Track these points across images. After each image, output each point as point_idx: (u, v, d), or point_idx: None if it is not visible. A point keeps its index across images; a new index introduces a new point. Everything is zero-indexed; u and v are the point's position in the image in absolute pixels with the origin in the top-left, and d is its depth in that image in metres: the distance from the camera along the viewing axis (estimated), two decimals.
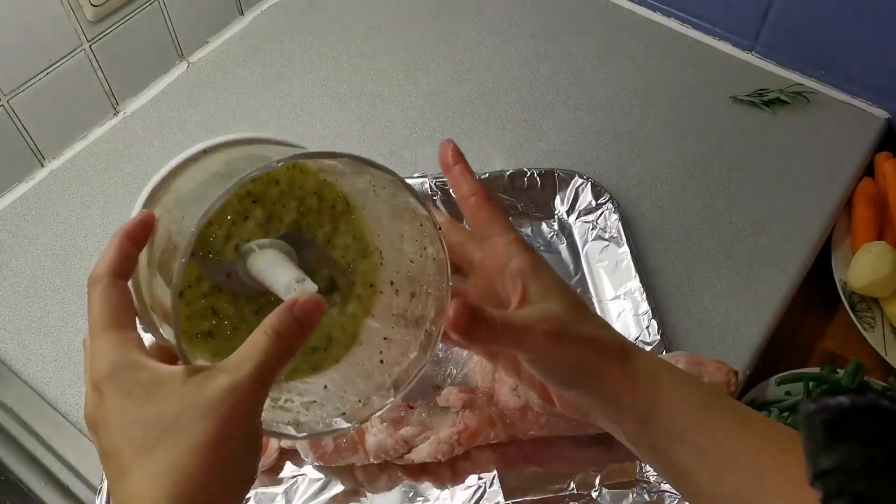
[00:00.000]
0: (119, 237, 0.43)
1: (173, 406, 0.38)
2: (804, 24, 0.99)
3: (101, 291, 0.41)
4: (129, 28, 0.97)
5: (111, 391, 0.39)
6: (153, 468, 0.37)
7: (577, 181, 0.89)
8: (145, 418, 0.38)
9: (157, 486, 0.36)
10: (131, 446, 0.38)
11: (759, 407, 0.84)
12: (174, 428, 0.37)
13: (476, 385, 0.70)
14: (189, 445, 0.37)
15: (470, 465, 0.72)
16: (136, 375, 0.39)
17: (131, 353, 0.40)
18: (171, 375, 0.39)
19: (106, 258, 0.42)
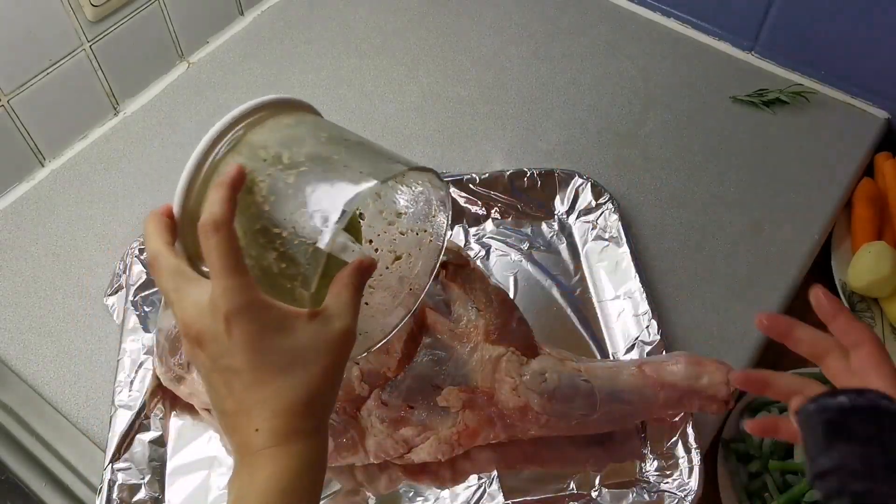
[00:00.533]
0: (226, 188, 0.49)
1: (302, 341, 0.48)
2: (804, 24, 0.99)
3: (225, 238, 0.48)
4: (129, 28, 0.97)
5: (244, 324, 0.47)
6: (288, 383, 0.48)
7: (577, 181, 0.89)
8: (279, 347, 0.48)
9: (294, 395, 0.48)
10: (265, 367, 0.47)
11: (759, 407, 0.84)
12: (304, 357, 0.48)
13: (476, 385, 0.70)
14: (316, 370, 0.48)
15: (470, 465, 0.72)
16: (267, 313, 0.48)
17: (258, 293, 0.48)
18: (297, 315, 0.49)
19: (219, 207, 0.48)
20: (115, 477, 0.70)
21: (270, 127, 0.54)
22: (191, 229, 0.52)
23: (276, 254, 0.50)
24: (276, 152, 0.52)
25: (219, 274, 0.47)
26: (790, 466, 0.79)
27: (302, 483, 0.48)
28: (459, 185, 0.89)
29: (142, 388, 0.75)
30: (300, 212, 0.50)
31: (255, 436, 0.48)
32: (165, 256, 0.51)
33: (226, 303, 0.47)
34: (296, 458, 0.48)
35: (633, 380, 0.70)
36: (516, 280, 0.84)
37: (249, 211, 0.51)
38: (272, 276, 0.51)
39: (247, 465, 0.48)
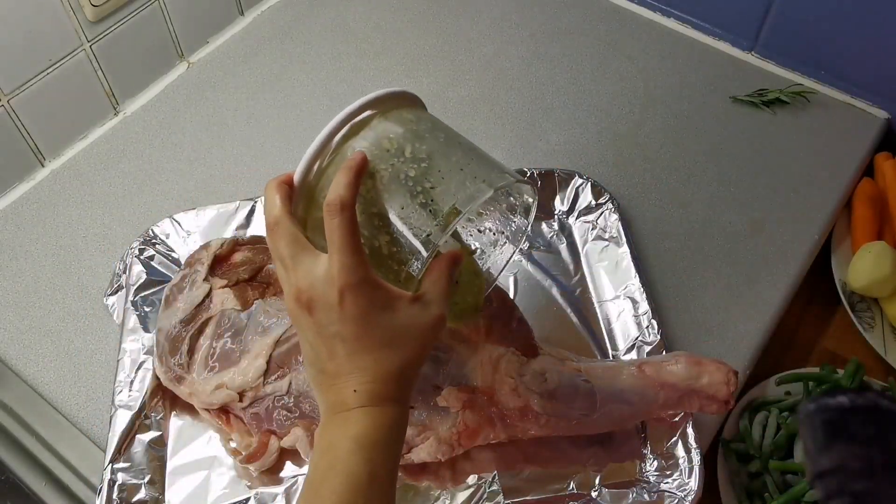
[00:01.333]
0: (353, 172, 0.53)
1: (404, 320, 0.54)
2: (804, 24, 0.99)
3: (348, 219, 0.52)
4: (129, 28, 0.97)
5: (356, 298, 0.52)
6: (387, 355, 0.53)
7: (577, 181, 0.89)
8: (384, 324, 0.53)
9: (390, 366, 0.53)
10: (369, 339, 0.53)
11: (759, 407, 0.84)
12: (405, 335, 0.54)
13: (476, 385, 0.70)
14: (412, 347, 0.54)
15: (470, 465, 0.72)
16: (376, 292, 0.53)
17: (370, 272, 0.53)
18: (400, 297, 0.54)
19: (345, 190, 0.52)
20: (115, 477, 0.70)
21: (394, 119, 0.58)
22: (305, 199, 0.57)
23: (389, 238, 0.55)
24: (400, 145, 0.56)
25: (339, 250, 0.52)
26: (790, 466, 0.79)
27: (391, 438, 0.53)
28: None
29: (142, 388, 0.75)
30: (417, 203, 0.54)
31: (352, 396, 0.53)
32: (286, 224, 0.55)
33: (342, 277, 0.52)
34: (387, 416, 0.53)
35: (633, 380, 0.70)
36: (516, 280, 0.84)
37: (369, 195, 0.55)
38: (381, 257, 0.55)
39: (341, 419, 0.53)
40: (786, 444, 0.81)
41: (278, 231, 0.55)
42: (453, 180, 0.55)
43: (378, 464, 0.52)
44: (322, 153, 0.56)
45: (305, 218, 0.57)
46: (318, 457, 0.53)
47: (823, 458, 0.42)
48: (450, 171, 0.56)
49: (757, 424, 0.82)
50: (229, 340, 0.73)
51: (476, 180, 0.56)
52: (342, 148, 0.57)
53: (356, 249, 0.52)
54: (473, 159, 0.58)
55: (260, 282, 0.77)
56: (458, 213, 0.54)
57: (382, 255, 0.55)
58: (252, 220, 0.87)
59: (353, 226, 0.52)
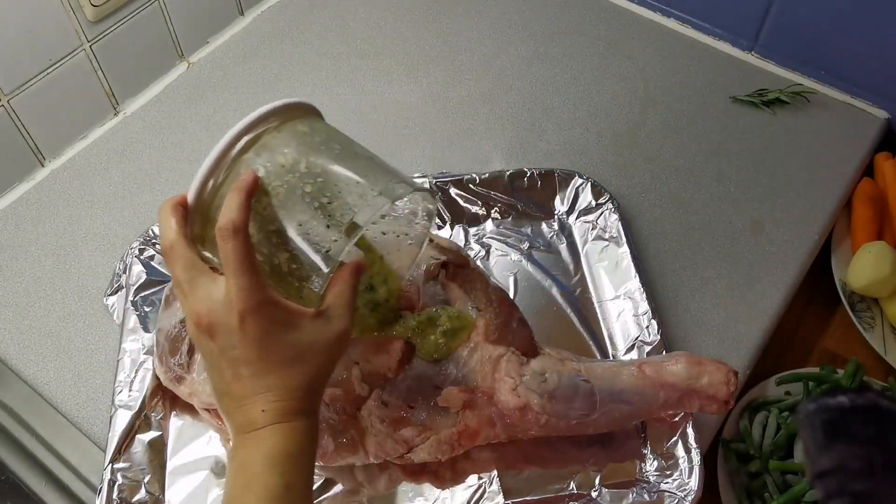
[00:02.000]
0: (244, 193, 0.53)
1: (307, 337, 0.54)
2: (804, 24, 0.99)
3: (242, 242, 0.52)
4: (129, 28, 0.97)
5: (257, 320, 0.52)
6: (293, 373, 0.54)
7: (577, 181, 0.89)
8: (287, 342, 0.53)
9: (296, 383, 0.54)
10: (274, 358, 0.53)
11: (759, 407, 0.84)
12: (309, 351, 0.54)
13: (476, 385, 0.70)
14: (317, 363, 0.55)
15: (470, 465, 0.72)
16: (277, 312, 0.53)
17: (269, 293, 0.53)
18: (303, 314, 0.54)
19: (237, 213, 0.52)
20: (115, 477, 0.70)
21: (288, 132, 0.57)
22: (201, 218, 0.56)
23: (288, 255, 0.54)
24: (295, 160, 0.56)
25: (235, 274, 0.52)
26: (790, 466, 0.79)
27: (303, 449, 0.54)
28: (459, 185, 0.89)
29: (142, 388, 0.75)
30: (316, 219, 0.54)
31: (261, 415, 0.53)
32: (182, 247, 0.54)
33: (241, 301, 0.52)
34: (297, 430, 0.54)
35: (633, 380, 0.70)
36: (516, 280, 0.84)
37: (266, 212, 0.55)
38: (281, 274, 0.55)
39: (252, 439, 0.53)
40: (786, 444, 0.81)
41: (174, 255, 0.54)
42: (351, 193, 0.55)
43: (293, 475, 0.53)
44: (215, 171, 0.55)
45: (203, 236, 0.57)
46: (233, 477, 0.54)
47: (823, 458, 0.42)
48: (347, 184, 0.55)
49: (757, 424, 0.82)
50: None
51: (373, 192, 0.55)
52: (236, 164, 0.56)
53: (253, 271, 0.52)
54: (370, 170, 0.57)
55: None
56: (358, 226, 0.54)
57: (283, 273, 0.55)
58: None
59: (247, 248, 0.52)
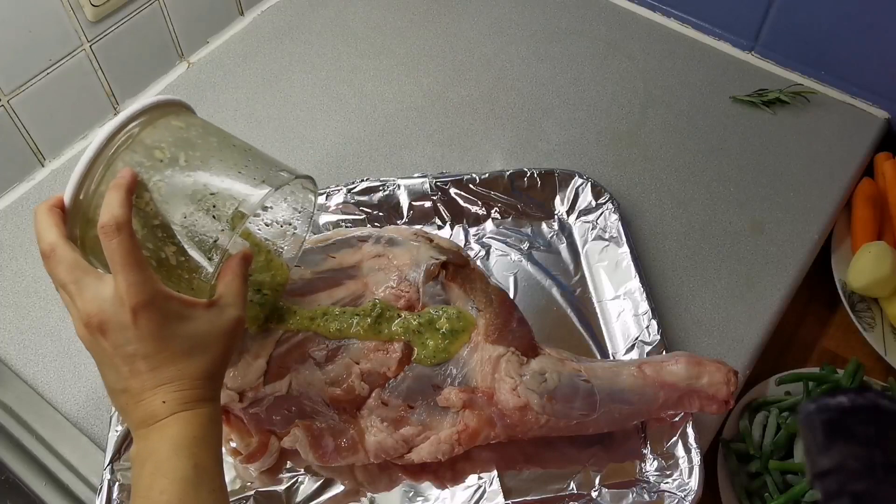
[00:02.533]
0: (123, 190, 0.53)
1: (202, 327, 0.55)
2: (804, 24, 0.99)
3: (126, 238, 0.52)
4: (129, 28, 0.97)
5: (150, 314, 0.52)
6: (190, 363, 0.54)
7: (577, 181, 0.89)
8: (181, 334, 0.54)
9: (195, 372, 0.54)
10: (170, 351, 0.53)
11: (759, 407, 0.84)
12: (205, 341, 0.55)
13: (476, 385, 0.70)
14: (214, 352, 0.55)
15: (470, 465, 0.72)
16: (169, 304, 0.53)
17: (159, 286, 0.53)
18: (195, 305, 0.55)
19: (119, 209, 0.52)
20: (115, 477, 0.70)
21: (163, 127, 0.58)
22: (81, 220, 0.57)
23: (175, 248, 0.56)
24: (173, 154, 0.57)
25: (123, 270, 0.52)
26: (790, 466, 0.79)
27: (209, 433, 0.55)
28: (459, 185, 0.89)
29: None
30: (200, 211, 0.55)
31: (162, 406, 0.53)
32: (63, 248, 0.54)
33: (131, 297, 0.52)
34: (201, 415, 0.54)
35: (633, 380, 0.70)
36: (516, 280, 0.84)
37: (148, 207, 0.56)
38: (170, 268, 0.56)
39: (154, 430, 0.53)
40: (786, 444, 0.81)
41: (55, 258, 0.54)
42: (234, 185, 0.56)
43: (201, 457, 0.53)
44: (91, 171, 0.56)
45: (83, 238, 0.57)
46: (139, 468, 0.53)
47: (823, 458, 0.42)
48: (228, 175, 0.57)
49: (757, 424, 0.82)
50: None
51: (256, 181, 0.57)
52: (113, 163, 0.56)
53: (140, 266, 0.52)
54: (250, 160, 0.59)
55: None
56: (244, 215, 0.55)
57: (171, 266, 0.56)
58: None
59: (132, 243, 0.52)
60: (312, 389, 0.69)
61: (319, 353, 0.70)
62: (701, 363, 0.71)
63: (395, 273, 0.73)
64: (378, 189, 0.88)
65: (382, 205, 0.88)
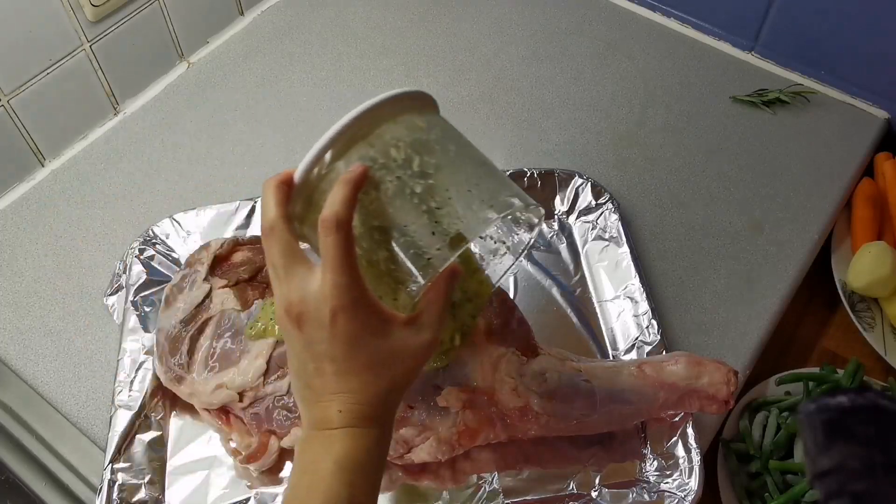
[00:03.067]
0: (351, 187, 0.51)
1: (395, 344, 0.53)
2: (804, 24, 0.99)
3: (344, 237, 0.50)
4: (129, 28, 0.97)
5: (349, 320, 0.51)
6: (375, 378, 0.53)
7: (577, 181, 0.89)
8: (374, 347, 0.52)
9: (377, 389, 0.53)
10: (358, 361, 0.52)
11: (759, 407, 0.84)
12: (394, 358, 0.53)
13: (476, 385, 0.70)
14: (400, 371, 0.54)
15: (470, 465, 0.72)
16: (370, 313, 0.52)
17: (364, 292, 0.51)
18: (393, 320, 0.53)
19: (342, 206, 0.50)
20: (115, 477, 0.70)
21: (405, 124, 0.55)
22: (305, 200, 0.54)
23: (388, 254, 0.53)
24: (408, 156, 0.53)
25: (333, 269, 0.50)
26: (790, 466, 0.79)
27: (371, 459, 0.53)
28: None
29: (142, 388, 0.75)
30: (421, 223, 0.52)
31: (337, 415, 0.52)
32: (282, 230, 0.53)
33: (335, 298, 0.50)
34: (369, 438, 0.53)
35: (633, 380, 0.70)
36: (516, 280, 0.84)
37: (372, 206, 0.52)
38: (378, 273, 0.53)
39: (324, 437, 0.53)
40: (786, 444, 0.81)
41: (273, 237, 0.53)
42: (460, 202, 0.52)
43: (358, 487, 0.52)
44: (326, 153, 0.53)
45: (304, 217, 0.55)
46: (299, 476, 0.53)
47: (823, 458, 0.42)
48: (458, 191, 0.53)
49: (757, 424, 0.82)
50: (229, 340, 0.73)
51: (483, 204, 0.53)
52: (349, 152, 0.53)
53: (351, 269, 0.50)
54: (483, 177, 0.55)
55: (260, 282, 0.77)
56: (464, 239, 0.52)
57: (380, 272, 0.53)
58: (252, 220, 0.87)
59: (348, 244, 0.50)
60: None
61: None
62: (701, 363, 0.71)
63: None
64: None
65: None
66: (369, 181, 0.52)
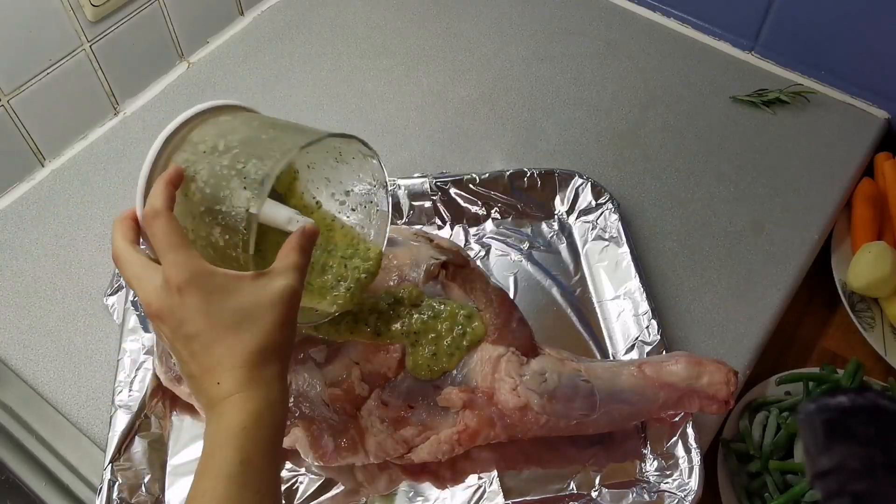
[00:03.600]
0: (163, 182, 0.55)
1: (248, 299, 0.53)
2: (804, 24, 0.99)
3: (164, 221, 0.54)
4: (129, 28, 0.97)
5: (193, 291, 0.52)
6: (240, 338, 0.52)
7: (577, 181, 0.89)
8: (228, 308, 0.53)
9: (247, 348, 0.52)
10: (218, 327, 0.52)
11: (759, 407, 0.84)
12: (252, 314, 0.53)
13: (476, 385, 0.70)
14: (265, 324, 0.53)
15: (470, 465, 0.72)
16: (213, 279, 0.53)
17: (202, 263, 0.53)
18: (241, 278, 0.54)
19: (157, 199, 0.54)
20: (115, 477, 0.70)
21: (210, 123, 0.60)
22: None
23: (220, 228, 0.56)
24: (213, 143, 0.58)
25: (164, 252, 0.53)
26: (790, 466, 0.79)
27: (262, 420, 0.52)
28: (459, 185, 0.89)
29: (142, 388, 0.75)
30: (234, 186, 0.56)
31: (217, 389, 0.52)
32: (128, 251, 0.56)
33: (174, 276, 0.52)
34: (255, 400, 0.52)
35: (633, 380, 0.70)
36: (516, 280, 0.84)
37: (195, 197, 0.57)
38: (220, 250, 0.57)
39: (214, 415, 0.53)
40: (786, 444, 0.81)
41: (121, 260, 0.56)
42: (264, 153, 0.56)
43: (250, 450, 0.51)
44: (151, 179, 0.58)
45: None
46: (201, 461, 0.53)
47: (823, 458, 0.42)
48: (261, 147, 0.57)
49: (757, 424, 0.82)
50: None
51: (286, 146, 0.56)
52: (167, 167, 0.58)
53: (181, 246, 0.53)
54: (289, 132, 0.59)
55: None
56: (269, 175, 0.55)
57: (222, 248, 0.56)
58: None
59: (170, 226, 0.53)
60: (312, 389, 0.69)
61: (319, 353, 0.70)
62: (701, 363, 0.71)
63: (395, 273, 0.73)
64: None
65: None
66: (186, 178, 0.57)
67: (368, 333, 0.70)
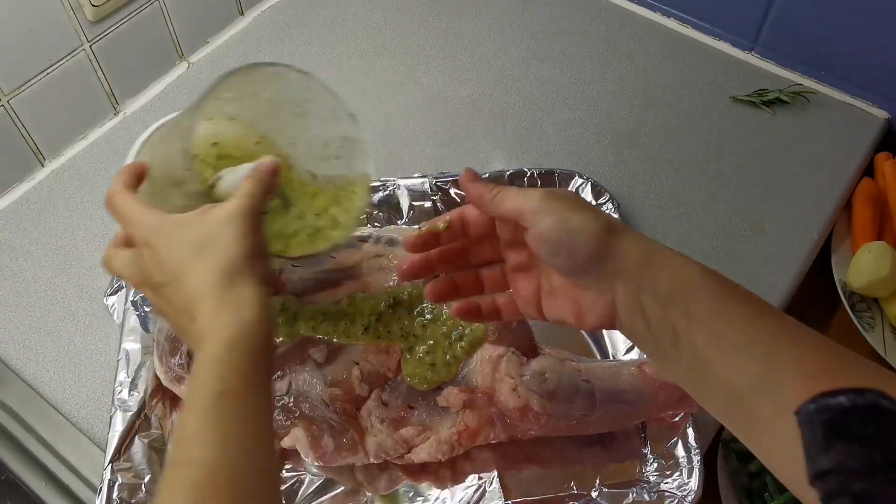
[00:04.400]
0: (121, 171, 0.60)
1: (202, 228, 0.54)
2: (804, 24, 0.99)
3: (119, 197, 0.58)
4: (129, 28, 0.97)
5: (158, 238, 0.54)
6: (203, 267, 0.52)
7: (577, 181, 0.89)
8: (186, 241, 0.54)
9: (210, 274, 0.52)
10: (184, 260, 0.53)
11: None
12: (206, 240, 0.53)
13: (476, 385, 0.70)
14: (221, 245, 0.53)
15: (470, 465, 0.72)
16: (169, 225, 0.55)
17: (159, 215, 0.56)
18: (193, 214, 0.55)
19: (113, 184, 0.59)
20: (115, 477, 0.70)
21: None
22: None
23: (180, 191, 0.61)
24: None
25: (125, 220, 0.57)
26: None
27: (239, 346, 0.50)
28: (459, 186, 0.88)
29: (142, 388, 0.75)
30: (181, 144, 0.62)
31: (195, 325, 0.52)
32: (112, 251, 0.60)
33: (137, 238, 0.56)
34: (229, 326, 0.51)
35: (633, 380, 0.70)
36: None
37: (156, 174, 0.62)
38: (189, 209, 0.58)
39: (197, 352, 0.52)
40: None
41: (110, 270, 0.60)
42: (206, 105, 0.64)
43: (227, 379, 0.49)
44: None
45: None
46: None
47: (823, 458, 0.42)
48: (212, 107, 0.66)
49: None
50: None
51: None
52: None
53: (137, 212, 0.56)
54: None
55: None
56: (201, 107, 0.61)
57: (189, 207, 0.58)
58: None
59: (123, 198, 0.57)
60: (312, 389, 0.69)
61: (319, 353, 0.70)
62: None
63: (395, 273, 0.73)
64: (378, 189, 0.88)
65: (382, 205, 0.88)
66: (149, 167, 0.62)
67: (368, 334, 0.70)
